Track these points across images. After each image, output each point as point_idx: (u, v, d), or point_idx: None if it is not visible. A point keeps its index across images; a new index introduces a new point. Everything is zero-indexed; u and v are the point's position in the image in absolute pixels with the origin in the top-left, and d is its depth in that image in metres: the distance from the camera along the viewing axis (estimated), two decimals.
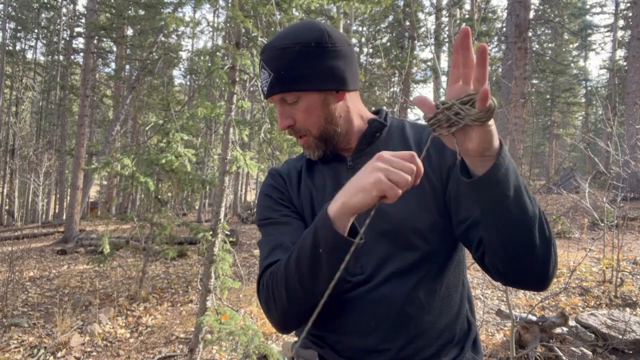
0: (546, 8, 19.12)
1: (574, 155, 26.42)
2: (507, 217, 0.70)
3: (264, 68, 0.89)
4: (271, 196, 0.98)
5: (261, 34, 3.57)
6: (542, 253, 0.73)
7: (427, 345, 0.85)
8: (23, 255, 8.79)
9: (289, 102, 0.89)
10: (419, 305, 0.85)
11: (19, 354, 4.24)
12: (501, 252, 0.75)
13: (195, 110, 3.62)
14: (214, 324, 3.11)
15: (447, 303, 0.88)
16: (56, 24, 22.03)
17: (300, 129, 0.91)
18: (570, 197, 7.23)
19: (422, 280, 0.86)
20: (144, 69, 12.63)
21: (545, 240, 0.72)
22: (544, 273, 0.75)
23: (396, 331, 0.84)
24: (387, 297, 0.85)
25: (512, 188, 0.68)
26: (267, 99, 0.91)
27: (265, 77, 0.88)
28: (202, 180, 4.68)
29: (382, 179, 0.66)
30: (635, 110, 9.96)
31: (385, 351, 0.84)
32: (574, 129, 30.70)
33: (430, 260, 0.87)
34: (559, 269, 5.58)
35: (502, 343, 3.72)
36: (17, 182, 22.60)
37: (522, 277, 0.77)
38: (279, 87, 0.87)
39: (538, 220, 0.71)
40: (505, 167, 0.67)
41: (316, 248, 0.74)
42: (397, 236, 0.86)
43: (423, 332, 0.85)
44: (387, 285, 0.85)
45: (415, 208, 0.87)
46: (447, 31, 13.75)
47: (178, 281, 6.71)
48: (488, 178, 0.67)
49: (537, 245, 0.72)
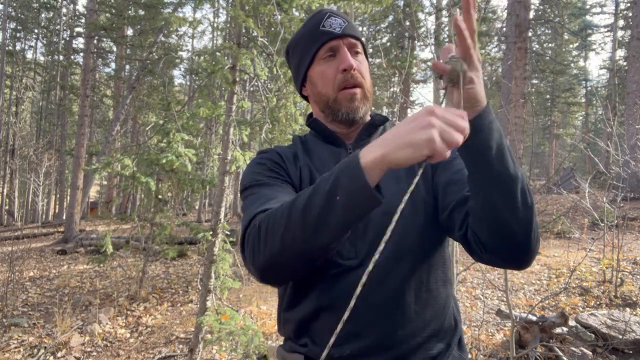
0: (546, 8, 19.11)
1: (574, 155, 26.40)
2: (489, 170, 0.71)
3: (333, 16, 0.94)
4: (264, 164, 0.93)
5: (262, 33, 3.57)
6: (524, 218, 0.72)
7: (412, 335, 0.85)
8: (23, 255, 8.79)
9: (356, 51, 0.95)
10: (408, 294, 0.85)
11: (19, 354, 4.24)
12: (485, 218, 0.75)
13: (195, 110, 3.62)
14: (214, 324, 3.11)
15: (435, 296, 0.89)
16: (56, 24, 22.03)
17: (359, 77, 0.92)
18: (570, 197, 7.22)
19: (412, 270, 0.86)
20: (144, 69, 12.62)
21: (527, 207, 0.72)
22: (525, 242, 0.74)
23: (383, 317, 0.84)
24: (377, 283, 0.83)
25: (494, 142, 0.70)
26: (340, 38, 0.93)
27: (338, 22, 0.93)
28: (202, 180, 4.68)
29: (436, 138, 0.60)
30: (635, 110, 9.96)
31: (368, 337, 0.83)
32: (574, 129, 30.68)
33: (420, 251, 0.88)
34: (559, 269, 5.58)
35: (502, 343, 3.72)
36: (17, 182, 22.59)
37: (503, 246, 0.76)
38: (355, 33, 0.95)
39: (520, 183, 0.71)
40: (489, 120, 0.70)
41: (333, 196, 0.67)
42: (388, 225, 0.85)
43: (409, 321, 0.85)
44: (378, 271, 0.83)
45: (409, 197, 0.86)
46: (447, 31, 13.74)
47: (178, 281, 6.71)
48: (471, 123, 0.67)
49: (519, 207, 0.72)
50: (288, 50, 1.05)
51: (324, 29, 0.92)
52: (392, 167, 0.65)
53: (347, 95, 0.91)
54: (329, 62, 0.93)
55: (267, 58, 3.80)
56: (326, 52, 0.93)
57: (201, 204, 16.77)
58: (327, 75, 0.92)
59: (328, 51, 0.93)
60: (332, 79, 0.91)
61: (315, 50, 0.93)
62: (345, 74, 0.91)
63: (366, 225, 0.87)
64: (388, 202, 0.86)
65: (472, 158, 0.72)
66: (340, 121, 0.95)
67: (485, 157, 0.70)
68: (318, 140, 0.99)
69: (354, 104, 0.92)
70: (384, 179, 0.72)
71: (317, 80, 0.95)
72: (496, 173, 0.71)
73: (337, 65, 0.91)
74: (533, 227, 0.74)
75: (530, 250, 0.75)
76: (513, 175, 0.71)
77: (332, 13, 0.94)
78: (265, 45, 3.69)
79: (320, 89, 0.94)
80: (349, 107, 0.92)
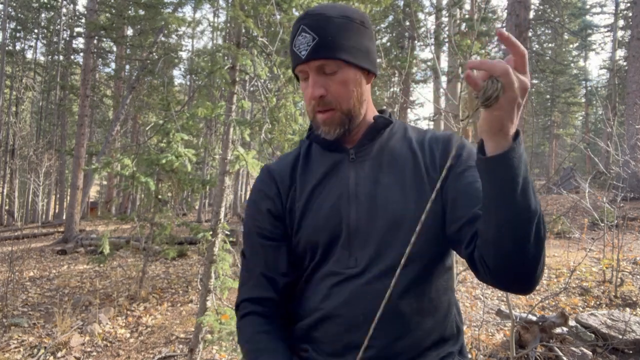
0: (546, 8, 19.12)
1: (574, 155, 26.41)
2: (510, 205, 0.69)
3: (304, 32, 0.86)
4: (255, 205, 0.98)
5: (261, 33, 3.57)
6: (534, 252, 0.72)
7: (412, 345, 0.85)
8: (23, 255, 8.79)
9: (326, 72, 0.87)
10: (408, 304, 0.85)
11: (19, 354, 4.24)
12: (495, 245, 0.74)
13: (195, 110, 3.62)
14: (214, 324, 3.11)
15: (436, 305, 0.88)
16: (56, 24, 22.02)
17: (331, 101, 0.87)
18: (570, 197, 7.22)
19: (413, 280, 0.85)
20: (144, 69, 12.62)
21: (539, 241, 0.72)
22: (531, 273, 0.74)
23: (383, 328, 0.83)
24: (379, 293, 0.82)
25: (522, 177, 0.68)
26: (305, 62, 0.86)
27: (306, 40, 0.85)
28: (202, 180, 4.67)
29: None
30: (635, 110, 9.96)
31: (369, 347, 0.82)
32: (574, 129, 30.70)
33: (423, 260, 0.86)
34: (559, 269, 5.58)
35: (502, 343, 3.72)
36: (17, 182, 22.59)
37: (509, 275, 0.76)
38: (324, 53, 0.85)
39: (537, 218, 0.70)
40: (519, 155, 0.67)
41: None
42: (394, 231, 0.86)
43: (410, 331, 0.85)
44: (380, 280, 0.84)
45: (414, 207, 0.86)
46: (447, 31, 13.74)
47: (178, 281, 6.71)
48: (502, 158, 0.67)
49: (530, 242, 0.71)
50: None
51: (295, 49, 0.88)
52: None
53: (319, 119, 0.90)
54: (305, 82, 0.90)
55: (267, 58, 3.80)
56: (300, 73, 0.91)
57: (201, 204, 16.76)
58: (305, 96, 0.91)
59: (301, 73, 0.90)
60: (308, 102, 0.90)
61: (293, 70, 0.93)
62: (314, 101, 0.88)
63: (367, 235, 0.87)
64: (390, 211, 0.87)
65: (496, 191, 0.71)
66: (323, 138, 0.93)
67: (511, 192, 0.69)
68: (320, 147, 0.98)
69: (327, 127, 0.90)
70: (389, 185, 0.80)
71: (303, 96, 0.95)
72: (517, 208, 0.69)
73: (309, 90, 0.89)
74: (541, 260, 0.74)
75: (534, 281, 0.75)
76: (533, 211, 0.70)
77: (305, 27, 0.86)
78: (265, 44, 3.69)
79: (305, 105, 0.95)
80: (323, 129, 0.90)
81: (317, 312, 0.88)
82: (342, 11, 0.88)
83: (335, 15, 0.87)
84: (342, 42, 0.86)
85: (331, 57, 0.85)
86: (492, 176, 0.70)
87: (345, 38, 0.86)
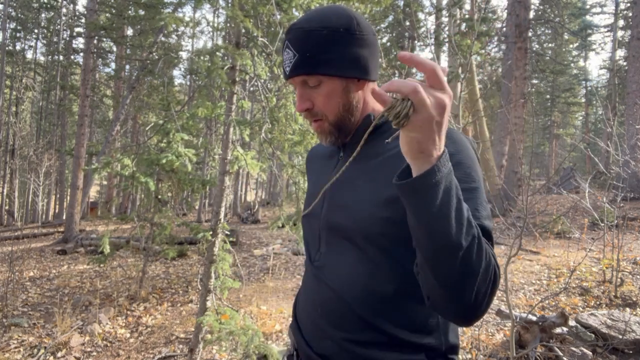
0: (546, 8, 19.11)
1: (574, 155, 26.41)
2: (425, 234, 0.65)
3: (288, 48, 0.88)
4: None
5: (261, 34, 3.57)
6: (461, 285, 0.65)
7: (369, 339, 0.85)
8: (23, 255, 8.79)
9: (310, 85, 0.88)
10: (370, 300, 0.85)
11: (19, 354, 4.24)
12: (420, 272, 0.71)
13: (195, 110, 3.61)
14: (214, 324, 3.11)
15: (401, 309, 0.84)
16: (56, 24, 22.01)
17: (318, 112, 0.90)
18: (570, 197, 7.22)
19: (374, 278, 0.85)
20: (144, 69, 12.62)
21: (469, 273, 0.65)
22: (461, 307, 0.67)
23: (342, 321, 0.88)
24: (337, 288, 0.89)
25: (437, 203, 0.62)
26: (288, 79, 0.90)
27: (289, 57, 0.87)
28: (202, 180, 4.67)
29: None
30: (635, 110, 9.96)
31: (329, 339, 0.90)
32: (574, 129, 30.69)
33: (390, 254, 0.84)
34: (559, 269, 5.58)
35: (502, 343, 3.72)
36: (17, 182, 22.59)
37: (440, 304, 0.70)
38: (303, 69, 0.86)
39: (463, 252, 0.63)
40: (435, 180, 0.62)
41: None
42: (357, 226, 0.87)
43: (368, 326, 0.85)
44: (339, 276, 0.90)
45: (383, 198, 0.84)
46: (447, 31, 13.73)
47: (178, 281, 6.71)
48: (411, 184, 0.63)
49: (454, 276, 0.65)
50: None
51: (283, 64, 0.91)
52: None
53: (313, 128, 0.95)
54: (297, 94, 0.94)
55: (267, 58, 3.80)
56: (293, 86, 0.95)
57: (201, 204, 16.77)
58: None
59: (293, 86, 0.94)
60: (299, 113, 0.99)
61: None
62: (305, 113, 0.92)
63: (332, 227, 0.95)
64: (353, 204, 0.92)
65: (411, 217, 0.66)
66: None
67: (423, 218, 0.64)
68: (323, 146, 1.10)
69: (320, 136, 0.95)
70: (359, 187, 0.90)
71: None
72: (434, 238, 0.64)
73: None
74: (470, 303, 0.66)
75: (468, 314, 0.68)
76: (453, 244, 0.63)
77: (289, 43, 0.87)
78: (265, 44, 3.69)
79: None
80: (318, 137, 0.96)
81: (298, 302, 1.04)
82: (324, 21, 0.85)
83: (315, 27, 0.85)
84: (321, 56, 0.85)
85: (311, 72, 0.86)
86: (408, 198, 0.65)
87: (325, 52, 0.85)
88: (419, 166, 0.63)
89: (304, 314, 0.99)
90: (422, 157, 0.62)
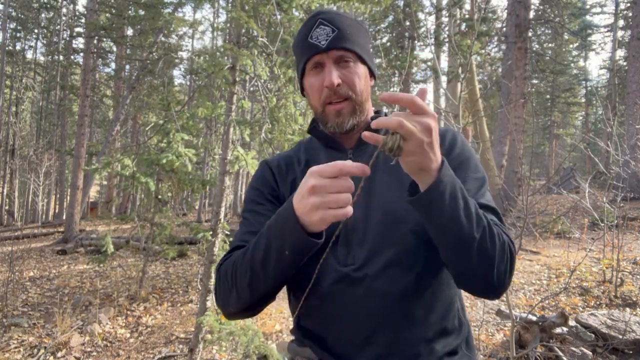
0: (546, 8, 19.10)
1: (574, 155, 26.41)
2: (442, 235, 0.76)
3: (323, 25, 0.90)
4: (258, 189, 1.00)
5: (262, 34, 3.57)
6: (482, 269, 0.76)
7: (417, 340, 0.85)
8: (23, 255, 8.79)
9: (343, 63, 0.90)
10: (410, 300, 0.85)
11: (19, 354, 4.24)
12: (446, 263, 0.81)
13: (195, 110, 3.61)
14: (214, 324, 3.11)
15: (439, 299, 0.89)
16: (56, 24, 22.01)
17: (346, 91, 0.90)
18: (570, 197, 7.23)
19: (414, 275, 0.86)
20: (144, 69, 12.62)
21: (486, 258, 0.76)
22: (487, 287, 0.79)
23: (386, 325, 0.85)
24: (380, 290, 0.85)
25: (447, 210, 0.72)
26: (325, 52, 0.89)
27: (325, 32, 0.90)
28: (202, 180, 4.67)
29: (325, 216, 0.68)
30: (635, 110, 9.96)
31: (375, 344, 0.84)
32: (574, 129, 30.69)
33: (422, 255, 0.86)
34: (559, 269, 5.58)
35: (502, 343, 3.72)
36: (17, 182, 22.58)
37: (467, 287, 0.83)
38: (344, 43, 0.90)
39: (477, 242, 0.74)
40: (439, 191, 0.70)
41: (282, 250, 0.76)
42: (392, 229, 0.87)
43: (413, 327, 0.85)
44: (380, 278, 0.85)
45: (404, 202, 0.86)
46: (447, 31, 13.73)
47: (178, 281, 6.71)
48: (420, 198, 0.72)
49: (474, 263, 0.76)
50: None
51: (311, 41, 0.90)
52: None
53: (332, 110, 0.92)
54: (316, 75, 0.92)
55: (267, 58, 3.80)
56: (313, 65, 0.92)
57: (201, 204, 16.77)
58: (314, 88, 0.92)
59: (314, 64, 0.92)
60: (319, 93, 0.92)
61: (303, 62, 0.93)
62: (329, 90, 0.90)
63: (364, 231, 0.88)
64: (387, 207, 0.88)
65: (424, 219, 0.76)
66: (331, 132, 0.96)
67: (437, 222, 0.74)
68: (321, 145, 1.01)
69: (340, 119, 0.92)
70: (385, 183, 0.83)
71: (309, 92, 0.96)
72: (452, 236, 0.74)
73: (322, 80, 0.90)
74: (494, 275, 0.77)
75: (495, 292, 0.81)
76: (467, 235, 0.73)
77: (323, 20, 0.90)
78: (265, 45, 3.69)
79: (311, 100, 0.96)
80: (335, 121, 0.92)
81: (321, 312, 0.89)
82: (352, 16, 0.95)
83: (348, 16, 0.94)
84: (356, 38, 0.92)
85: (350, 48, 0.90)
86: (420, 212, 0.75)
87: (357, 36, 0.92)
88: (423, 181, 0.71)
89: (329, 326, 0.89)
90: (424, 173, 0.70)
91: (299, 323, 0.96)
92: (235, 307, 0.87)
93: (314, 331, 0.91)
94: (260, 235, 0.82)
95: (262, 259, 0.79)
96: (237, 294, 0.84)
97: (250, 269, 0.81)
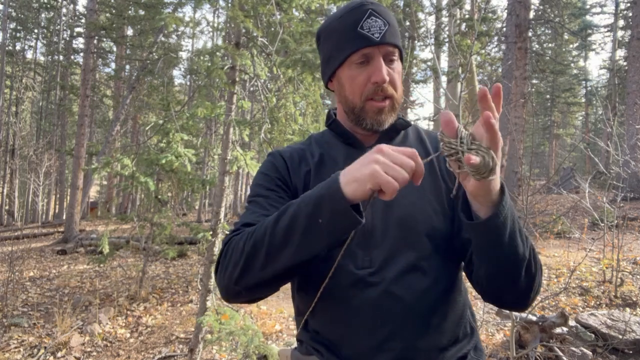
0: (546, 8, 19.10)
1: (574, 155, 26.41)
2: (497, 258, 0.74)
3: (374, 16, 0.86)
4: (268, 174, 0.93)
5: (261, 34, 3.57)
6: (525, 286, 0.77)
7: (430, 348, 0.84)
8: (23, 255, 8.79)
9: (389, 59, 0.87)
10: (426, 306, 0.84)
11: (19, 354, 4.24)
12: (487, 280, 0.80)
13: (195, 110, 3.61)
14: (214, 324, 3.11)
15: (452, 306, 0.88)
16: (56, 24, 22.01)
17: (390, 90, 0.88)
18: (570, 197, 7.23)
19: (431, 281, 0.84)
20: (144, 69, 12.62)
21: (530, 277, 0.76)
22: (522, 301, 0.80)
23: (402, 330, 0.82)
24: (397, 295, 0.82)
25: (507, 234, 0.70)
26: (376, 46, 0.85)
27: (378, 24, 0.85)
28: (202, 180, 4.67)
29: (379, 172, 0.63)
30: (635, 110, 9.96)
31: (389, 350, 0.81)
32: (574, 129, 30.68)
33: (438, 261, 0.86)
34: (559, 269, 5.58)
35: (502, 343, 3.72)
36: (17, 182, 22.58)
37: (501, 301, 0.84)
38: (394, 39, 0.87)
39: (527, 262, 0.75)
40: (503, 216, 0.69)
41: (315, 218, 0.68)
42: (410, 233, 0.85)
43: (428, 334, 0.84)
44: (397, 282, 0.82)
45: (431, 208, 0.87)
46: (447, 31, 13.74)
47: (178, 281, 6.71)
48: (486, 224, 0.69)
49: (521, 281, 0.76)
50: (319, 36, 0.97)
51: (362, 31, 0.84)
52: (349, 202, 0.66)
53: (374, 107, 0.88)
54: (360, 68, 0.87)
55: (267, 58, 3.80)
56: (360, 57, 0.86)
57: (201, 204, 16.77)
58: (357, 82, 0.87)
59: (362, 57, 0.86)
60: (362, 88, 0.87)
61: (348, 52, 0.87)
62: (376, 86, 0.86)
63: (383, 234, 0.85)
64: (405, 210, 0.86)
65: (485, 246, 0.74)
66: (365, 129, 0.91)
67: (495, 248, 0.72)
68: (337, 141, 0.96)
69: (381, 117, 0.88)
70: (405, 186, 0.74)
71: (346, 84, 0.89)
72: (504, 260, 0.74)
73: (369, 74, 0.86)
74: (533, 289, 0.78)
75: (527, 305, 0.82)
76: (521, 256, 0.73)
77: (374, 12, 0.86)
78: (265, 44, 3.69)
79: (347, 93, 0.90)
80: (375, 119, 0.89)
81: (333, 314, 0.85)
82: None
83: (389, 11, 0.91)
84: (399, 36, 0.90)
85: (398, 45, 0.88)
86: (478, 238, 0.73)
87: (399, 34, 0.90)
88: (489, 206, 0.69)
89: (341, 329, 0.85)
90: (491, 195, 0.67)
91: (307, 325, 0.91)
92: (242, 282, 0.76)
93: (324, 334, 0.87)
94: (287, 206, 0.74)
95: (287, 226, 0.71)
96: (247, 265, 0.75)
97: (270, 235, 0.73)
